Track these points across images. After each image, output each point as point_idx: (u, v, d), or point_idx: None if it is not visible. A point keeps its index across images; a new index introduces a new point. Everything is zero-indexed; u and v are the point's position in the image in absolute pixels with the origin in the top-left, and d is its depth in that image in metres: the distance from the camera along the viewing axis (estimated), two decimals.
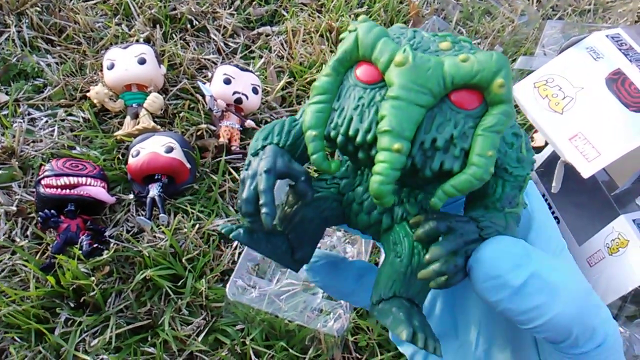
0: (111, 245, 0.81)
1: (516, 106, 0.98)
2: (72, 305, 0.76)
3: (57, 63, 1.02)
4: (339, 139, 0.23)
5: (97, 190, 0.83)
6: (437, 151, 0.22)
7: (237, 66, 1.01)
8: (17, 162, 0.87)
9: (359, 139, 0.22)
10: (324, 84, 0.24)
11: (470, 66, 0.21)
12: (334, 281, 0.30)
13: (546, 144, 0.88)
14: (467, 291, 0.30)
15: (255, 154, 0.25)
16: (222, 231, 0.26)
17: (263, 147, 0.25)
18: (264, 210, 0.24)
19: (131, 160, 0.87)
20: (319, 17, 1.21)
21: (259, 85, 1.01)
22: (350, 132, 0.22)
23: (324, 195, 0.28)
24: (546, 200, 0.83)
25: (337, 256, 0.31)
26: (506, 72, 0.21)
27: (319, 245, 0.29)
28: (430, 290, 0.27)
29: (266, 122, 1.04)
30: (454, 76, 0.21)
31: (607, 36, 0.80)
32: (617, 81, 0.76)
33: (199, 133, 0.97)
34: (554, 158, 0.80)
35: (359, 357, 0.78)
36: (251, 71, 1.03)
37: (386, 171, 0.21)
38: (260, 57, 1.12)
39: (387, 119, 0.21)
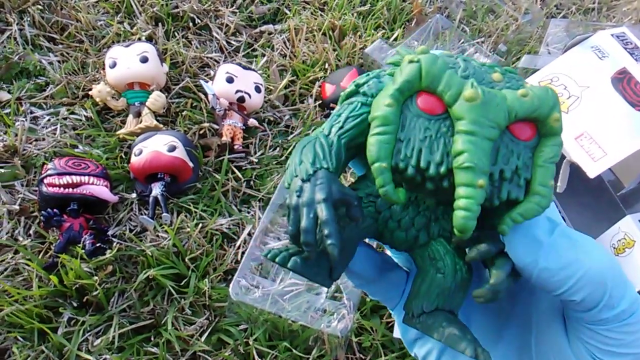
0: (114, 244, 0.81)
1: None
2: (75, 304, 0.76)
3: (59, 61, 1.02)
4: (409, 170, 0.23)
5: (99, 189, 0.83)
6: (504, 181, 0.23)
7: (239, 65, 1.01)
8: (19, 161, 0.87)
9: (431, 171, 0.23)
10: (387, 114, 0.23)
11: (530, 101, 0.23)
12: (356, 266, 0.30)
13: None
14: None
15: (307, 180, 0.25)
16: (275, 260, 0.25)
17: (314, 173, 0.25)
18: (330, 241, 0.23)
19: (134, 159, 0.87)
20: (321, 15, 1.20)
21: (261, 84, 1.01)
22: (422, 164, 0.23)
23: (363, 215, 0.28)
24: None
25: (363, 242, 0.31)
26: (559, 107, 0.23)
27: None
28: (463, 301, 0.28)
29: (269, 121, 1.03)
30: (517, 110, 0.23)
31: (612, 35, 0.80)
32: (622, 80, 0.76)
33: (201, 132, 0.97)
34: (559, 158, 0.80)
35: (363, 357, 0.78)
36: (254, 70, 1.03)
37: (472, 207, 0.22)
38: (263, 55, 1.12)
39: (467, 155, 0.22)
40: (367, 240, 0.32)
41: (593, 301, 0.23)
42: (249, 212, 0.90)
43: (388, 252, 0.34)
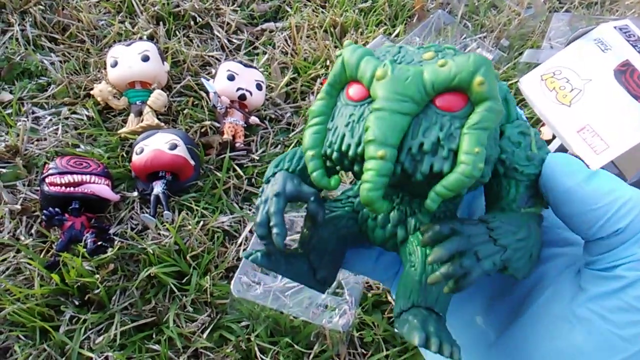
0: (115, 242, 0.81)
1: (523, 99, 0.97)
2: (76, 303, 0.76)
3: (60, 61, 1.02)
4: (334, 155, 0.24)
5: (101, 188, 0.83)
6: (425, 154, 0.22)
7: (241, 62, 1.01)
8: (21, 161, 0.87)
9: (350, 152, 0.23)
10: (318, 107, 0.25)
11: (448, 70, 0.22)
12: (355, 268, 0.31)
13: (554, 137, 0.87)
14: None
15: (267, 181, 0.27)
16: (246, 258, 0.27)
17: (274, 174, 0.27)
18: (274, 230, 0.25)
19: (135, 158, 0.87)
20: (322, 12, 1.20)
21: (263, 82, 1.01)
22: (343, 148, 0.23)
23: (339, 214, 0.29)
24: None
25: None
26: (485, 70, 0.22)
27: None
28: (450, 297, 0.27)
29: (270, 119, 1.03)
30: (433, 82, 0.22)
31: (615, 28, 0.79)
32: (625, 73, 0.75)
33: (202, 130, 0.97)
34: (561, 151, 0.79)
35: (365, 352, 0.77)
36: (255, 67, 1.03)
37: (373, 178, 0.22)
38: (264, 53, 1.11)
39: (371, 129, 0.22)
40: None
41: (635, 228, 0.22)
42: (250, 210, 0.90)
43: None
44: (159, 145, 0.87)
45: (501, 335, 0.28)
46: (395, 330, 0.27)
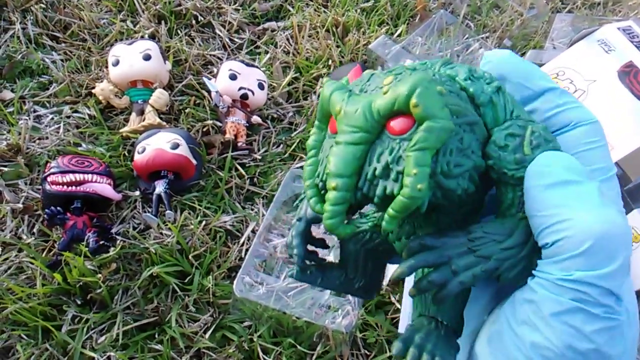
0: (118, 242, 0.81)
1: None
2: (78, 302, 0.76)
3: (62, 60, 1.02)
4: (320, 185, 0.26)
5: (103, 187, 0.83)
6: (379, 179, 0.24)
7: (242, 62, 1.01)
8: (23, 160, 0.87)
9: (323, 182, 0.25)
10: (311, 142, 0.27)
11: (389, 97, 0.23)
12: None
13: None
14: None
15: (301, 200, 0.30)
16: (291, 277, 0.30)
17: (303, 198, 0.30)
18: (294, 252, 0.28)
19: (137, 157, 0.87)
20: (324, 11, 1.20)
21: (264, 81, 1.01)
22: (324, 179, 0.25)
23: (363, 229, 0.31)
24: None
25: None
26: (420, 91, 0.22)
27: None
28: (456, 305, 0.28)
29: (272, 118, 1.03)
30: (379, 109, 0.23)
31: (618, 28, 0.79)
32: (629, 74, 0.75)
33: (204, 129, 0.97)
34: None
35: (368, 353, 0.77)
36: (257, 67, 1.02)
37: (329, 207, 0.24)
38: (266, 52, 1.11)
39: (329, 163, 0.24)
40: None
41: (560, 249, 0.22)
42: (252, 209, 0.90)
43: None
44: (160, 144, 0.87)
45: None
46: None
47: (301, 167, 0.95)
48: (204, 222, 0.85)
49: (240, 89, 0.97)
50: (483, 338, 0.26)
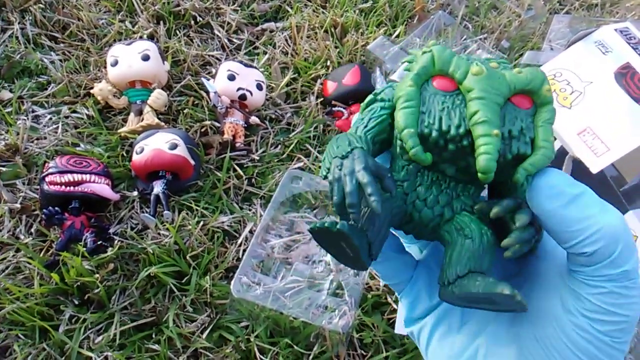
0: (115, 242, 0.81)
1: None
2: (76, 302, 0.76)
3: (60, 60, 1.02)
4: (434, 134, 0.27)
5: (101, 187, 0.83)
6: (513, 139, 0.27)
7: (241, 62, 1.01)
8: (21, 160, 0.87)
9: (452, 132, 0.27)
10: (409, 92, 0.28)
11: (525, 76, 0.28)
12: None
13: (554, 138, 0.87)
14: None
15: (345, 156, 0.29)
16: (324, 226, 0.29)
17: (351, 150, 0.29)
18: (373, 198, 0.27)
19: (135, 157, 0.87)
20: (323, 12, 1.20)
21: (263, 82, 1.01)
22: (444, 128, 0.27)
23: (393, 196, 0.31)
24: None
25: None
26: (548, 81, 0.28)
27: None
28: (493, 265, 0.30)
29: (271, 119, 1.03)
30: (515, 83, 0.27)
31: (615, 30, 0.79)
32: (626, 75, 0.75)
33: (203, 129, 0.97)
34: (561, 153, 0.80)
35: (364, 354, 0.78)
36: (255, 67, 1.02)
37: (491, 150, 0.26)
38: (265, 53, 1.11)
39: (482, 112, 0.26)
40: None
41: (602, 255, 0.25)
42: (250, 210, 0.90)
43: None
44: (159, 144, 0.87)
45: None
46: (453, 293, 0.29)
47: (299, 168, 0.95)
48: (201, 223, 0.85)
49: (238, 89, 0.97)
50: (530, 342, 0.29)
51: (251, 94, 0.98)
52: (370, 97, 0.31)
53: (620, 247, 0.24)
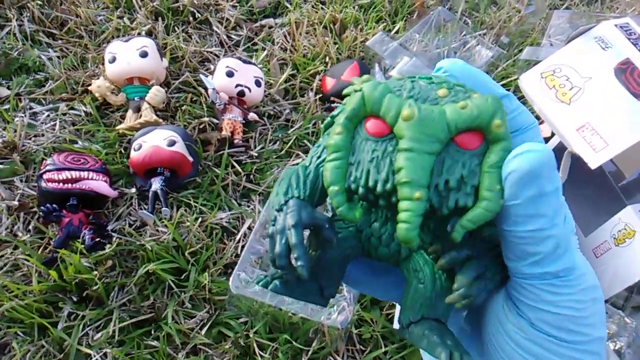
0: (114, 239, 0.81)
1: (523, 97, 0.97)
2: (74, 299, 0.76)
3: (58, 57, 1.02)
4: (360, 191, 0.25)
5: (99, 184, 0.83)
6: (451, 191, 0.24)
7: (239, 59, 1.01)
8: (18, 157, 0.87)
9: (379, 189, 0.24)
10: (337, 141, 0.25)
11: (470, 112, 0.23)
12: (351, 274, 0.32)
13: (553, 134, 0.87)
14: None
15: (280, 210, 0.27)
16: (259, 285, 0.28)
17: (286, 202, 0.27)
18: (299, 263, 0.26)
19: (133, 154, 0.87)
20: (322, 8, 1.20)
21: (261, 78, 1.01)
22: (370, 184, 0.24)
23: (344, 236, 0.30)
24: None
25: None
26: (502, 113, 0.24)
27: None
28: (452, 308, 0.29)
29: (269, 115, 1.03)
30: (456, 122, 0.23)
31: (615, 25, 0.79)
32: (625, 71, 0.75)
33: (201, 126, 0.97)
34: (560, 149, 0.79)
35: (363, 349, 0.78)
36: (254, 64, 1.02)
37: (411, 218, 0.23)
38: (263, 49, 1.11)
39: (405, 171, 0.23)
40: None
41: (526, 253, 0.24)
42: (248, 206, 0.90)
43: None
44: (157, 141, 0.87)
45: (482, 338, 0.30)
46: (406, 339, 0.28)
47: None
48: (200, 219, 0.85)
49: (237, 86, 0.97)
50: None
51: (250, 90, 0.98)
52: (327, 120, 0.29)
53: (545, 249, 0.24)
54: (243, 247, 0.83)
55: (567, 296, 0.24)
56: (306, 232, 0.28)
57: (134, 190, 0.88)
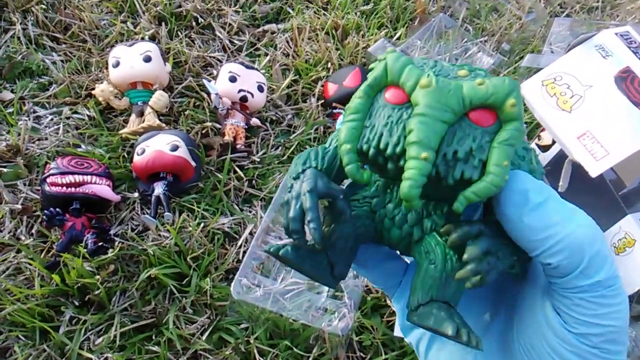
0: (116, 243, 0.81)
1: (524, 104, 0.97)
2: (76, 303, 0.76)
3: (62, 61, 1.02)
4: (371, 151, 0.26)
5: (102, 188, 0.83)
6: (458, 161, 0.24)
7: (242, 64, 1.01)
8: (22, 160, 0.87)
9: (389, 151, 0.25)
10: (356, 104, 0.27)
11: (485, 89, 0.24)
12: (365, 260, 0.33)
13: (553, 142, 0.87)
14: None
15: (297, 178, 0.28)
16: (270, 251, 0.28)
17: (303, 171, 0.28)
18: (311, 225, 0.26)
19: (136, 159, 0.87)
20: (324, 14, 1.20)
21: (264, 83, 1.01)
22: (381, 146, 0.25)
23: (357, 214, 0.30)
24: None
25: None
26: (517, 93, 0.24)
27: None
28: (462, 292, 0.29)
29: (271, 120, 1.03)
30: (472, 97, 0.24)
31: (616, 34, 0.79)
32: (626, 79, 0.75)
33: (204, 131, 0.97)
34: (561, 157, 0.80)
35: (363, 356, 0.78)
36: (257, 69, 1.03)
37: (415, 176, 0.24)
38: (266, 54, 1.12)
39: (415, 132, 0.24)
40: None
41: (568, 267, 0.24)
42: (250, 212, 0.90)
43: None
44: (160, 146, 0.87)
45: (504, 329, 0.30)
46: (414, 321, 0.28)
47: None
48: (202, 224, 0.85)
49: (239, 91, 0.97)
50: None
51: (252, 95, 0.98)
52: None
53: (587, 258, 0.23)
54: (245, 252, 0.83)
55: (615, 307, 0.24)
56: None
57: (136, 194, 0.88)
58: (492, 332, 0.30)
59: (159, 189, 0.86)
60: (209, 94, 0.99)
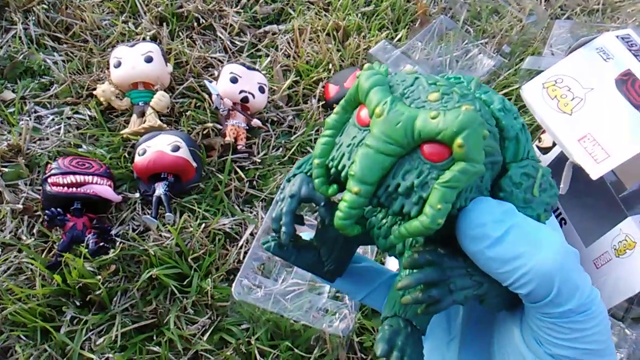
0: (117, 243, 0.81)
1: (524, 106, 0.97)
2: (77, 303, 0.76)
3: (63, 61, 1.02)
4: (332, 170, 0.26)
5: (103, 188, 0.83)
6: (399, 195, 0.24)
7: (243, 65, 1.01)
8: (23, 160, 0.87)
9: (343, 173, 0.25)
10: (332, 120, 0.27)
11: (435, 124, 0.23)
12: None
13: (554, 144, 0.87)
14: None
15: (288, 180, 0.30)
16: (264, 246, 0.31)
17: (294, 175, 0.30)
18: (282, 229, 0.28)
19: (137, 159, 0.87)
20: (325, 15, 1.20)
21: (265, 84, 1.01)
22: (339, 167, 0.26)
23: (329, 215, 0.31)
24: None
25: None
26: (468, 133, 0.22)
27: None
28: (431, 316, 0.29)
29: (272, 121, 1.03)
30: (421, 131, 0.23)
31: (617, 37, 0.79)
32: (627, 82, 0.75)
33: (205, 132, 0.97)
34: (561, 159, 0.80)
35: (364, 357, 0.78)
36: (258, 70, 1.03)
37: (345, 209, 0.24)
38: (267, 55, 1.12)
39: (355, 165, 0.24)
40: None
41: (539, 296, 0.23)
42: (251, 212, 0.90)
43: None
44: (161, 146, 0.87)
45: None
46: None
47: None
48: (203, 225, 0.85)
49: (241, 92, 0.97)
50: None
51: (253, 96, 0.98)
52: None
53: (556, 288, 0.23)
54: (245, 253, 0.83)
55: (589, 331, 0.24)
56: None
57: (137, 195, 0.88)
58: (480, 340, 0.31)
59: (160, 189, 0.86)
60: (210, 94, 0.99)
